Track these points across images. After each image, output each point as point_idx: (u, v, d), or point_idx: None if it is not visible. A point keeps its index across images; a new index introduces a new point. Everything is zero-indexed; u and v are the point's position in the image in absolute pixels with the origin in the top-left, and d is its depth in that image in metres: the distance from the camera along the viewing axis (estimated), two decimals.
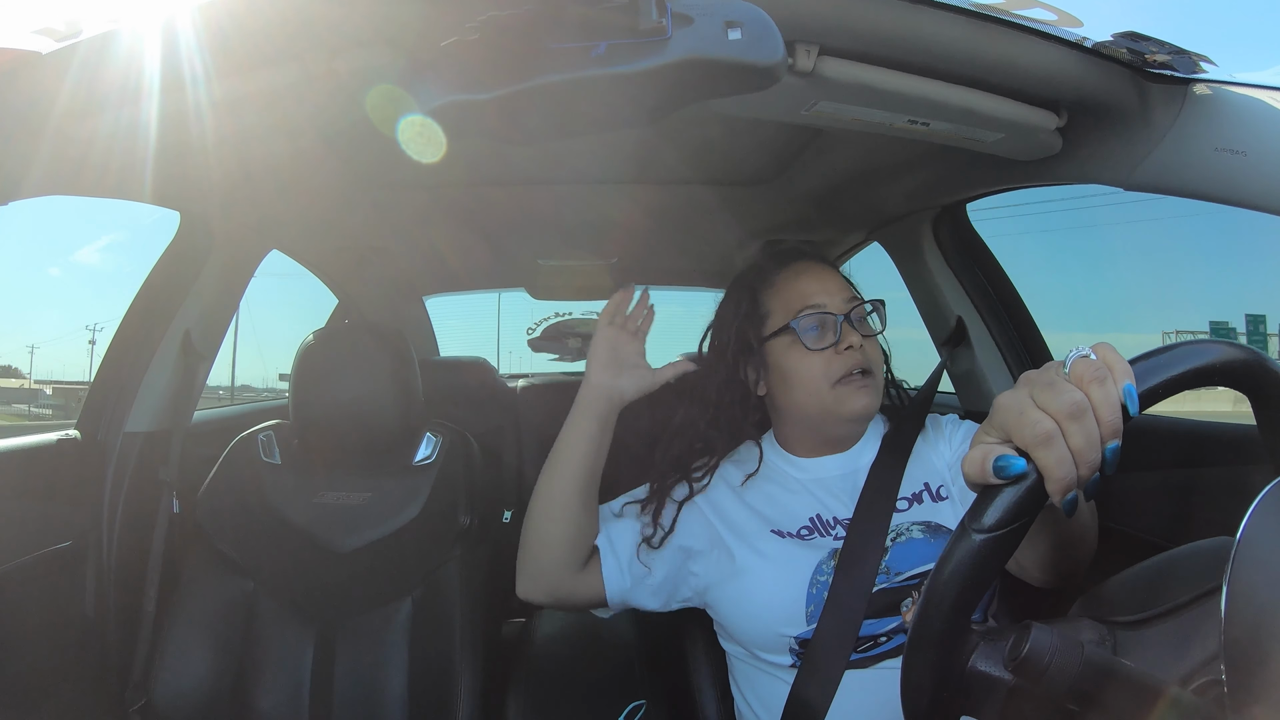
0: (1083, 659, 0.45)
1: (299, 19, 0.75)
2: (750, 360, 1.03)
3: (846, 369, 0.95)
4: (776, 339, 1.00)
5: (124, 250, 26.58)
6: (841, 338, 0.96)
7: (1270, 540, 0.40)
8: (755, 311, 1.03)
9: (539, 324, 2.87)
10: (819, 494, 1.00)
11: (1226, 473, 1.02)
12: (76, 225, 33.74)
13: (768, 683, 0.94)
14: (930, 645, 0.49)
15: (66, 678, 1.16)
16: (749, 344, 1.02)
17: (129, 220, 19.60)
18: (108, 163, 0.93)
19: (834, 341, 0.97)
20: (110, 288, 36.89)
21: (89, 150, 0.85)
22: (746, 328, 1.03)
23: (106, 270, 39.24)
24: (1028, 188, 1.16)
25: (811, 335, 0.97)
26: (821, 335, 0.97)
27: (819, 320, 0.97)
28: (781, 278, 1.03)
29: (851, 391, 0.95)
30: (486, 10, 0.59)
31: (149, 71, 0.76)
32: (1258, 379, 0.49)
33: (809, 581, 0.91)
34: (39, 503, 1.17)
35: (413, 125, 0.67)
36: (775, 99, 0.86)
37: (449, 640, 1.19)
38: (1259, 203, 0.76)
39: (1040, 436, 0.46)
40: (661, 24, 0.58)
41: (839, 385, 0.95)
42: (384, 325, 1.44)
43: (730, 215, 1.72)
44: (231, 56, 0.79)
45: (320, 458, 1.30)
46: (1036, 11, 0.78)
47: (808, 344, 0.96)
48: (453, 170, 1.42)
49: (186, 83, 0.81)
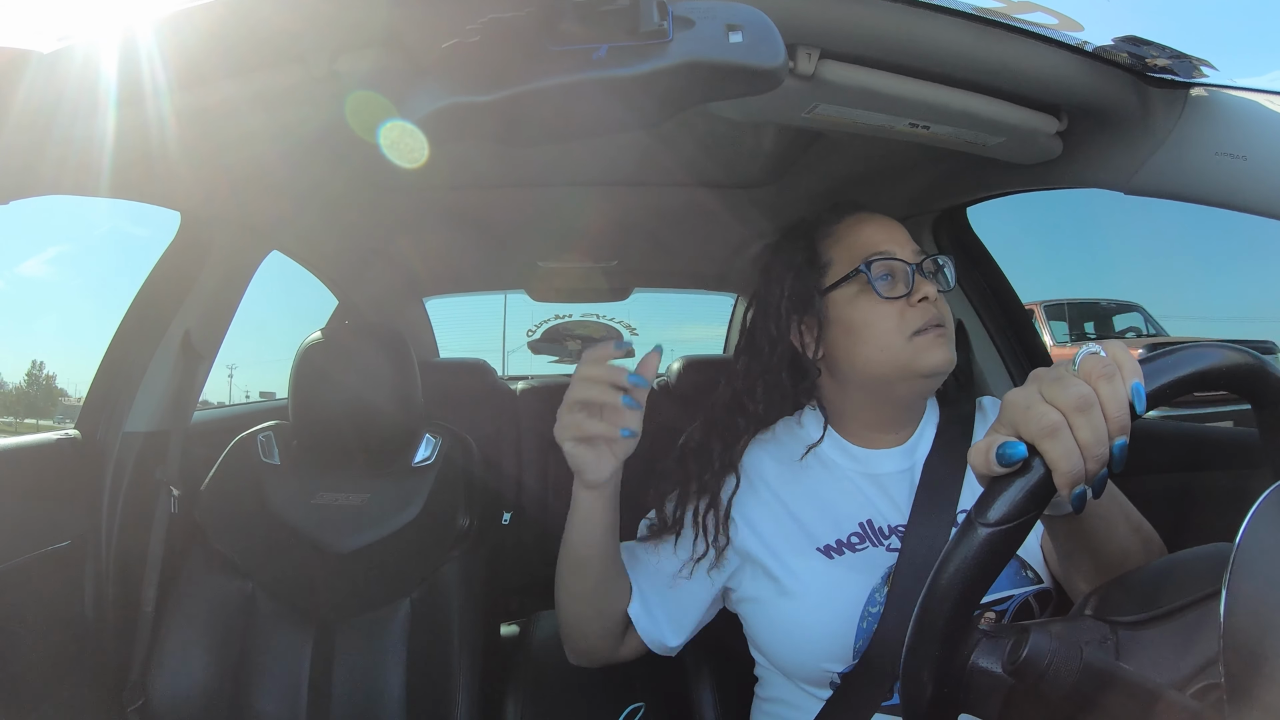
0: (1081, 663, 0.45)
1: (301, 20, 0.75)
2: (807, 316, 0.91)
3: (923, 320, 0.85)
4: (841, 288, 0.89)
5: (70, 262, 25.86)
6: (915, 288, 0.86)
7: (1269, 545, 0.40)
8: (814, 261, 0.92)
9: (538, 326, 2.88)
10: (871, 494, 0.89)
11: (1228, 477, 1.02)
12: (20, 238, 33.04)
13: (799, 697, 0.87)
14: (932, 640, 0.49)
15: (65, 678, 1.16)
16: (807, 296, 0.91)
17: (80, 232, 19.17)
18: (109, 163, 0.93)
19: (906, 292, 0.86)
20: (58, 297, 35.96)
21: (90, 150, 0.85)
22: (804, 279, 0.91)
23: (53, 282, 38.37)
24: (1028, 191, 1.17)
25: (884, 283, 0.87)
26: (893, 284, 0.87)
27: (889, 268, 0.87)
28: (843, 226, 0.93)
29: (929, 342, 0.84)
30: (487, 12, 0.59)
31: (151, 72, 0.76)
32: (1259, 384, 0.49)
33: (860, 615, 0.81)
34: (37, 502, 1.17)
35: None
36: (776, 102, 0.86)
37: (448, 642, 1.19)
38: (1260, 207, 0.77)
39: (1047, 428, 0.47)
40: (662, 27, 0.58)
41: (916, 337, 0.85)
42: (384, 326, 1.44)
43: (730, 218, 1.72)
44: (233, 58, 0.79)
45: (319, 458, 1.30)
46: (1037, 15, 0.78)
47: (880, 291, 0.86)
48: (453, 172, 1.43)
49: (188, 84, 0.81)
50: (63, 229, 16.34)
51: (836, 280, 0.90)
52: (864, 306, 0.87)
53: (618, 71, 0.58)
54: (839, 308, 0.89)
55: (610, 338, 2.87)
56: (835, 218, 0.95)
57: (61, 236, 17.04)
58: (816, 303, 0.90)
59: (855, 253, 0.90)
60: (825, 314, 0.90)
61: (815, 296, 0.90)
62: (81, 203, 1.01)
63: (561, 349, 2.88)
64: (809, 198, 1.52)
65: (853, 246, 0.90)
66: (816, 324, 0.90)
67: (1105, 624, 0.51)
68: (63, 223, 14.21)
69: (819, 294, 0.90)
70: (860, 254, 0.89)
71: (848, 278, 0.89)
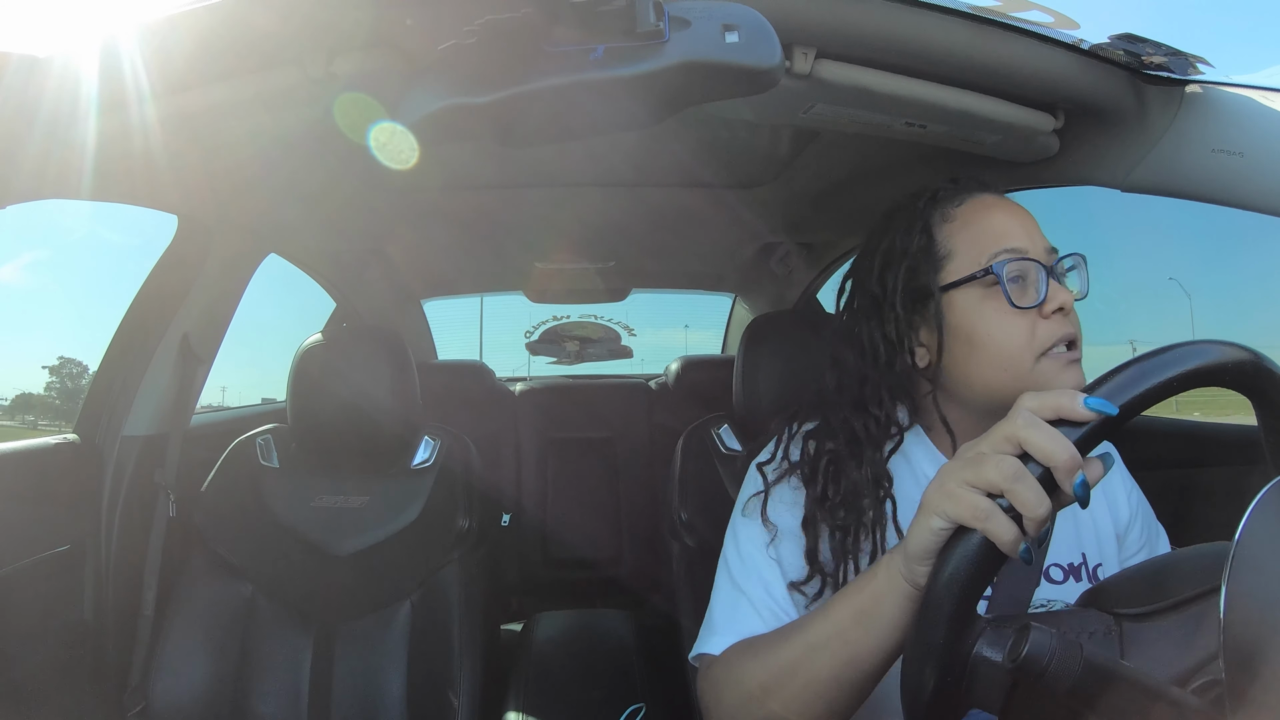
0: (1083, 660, 0.45)
1: (298, 22, 0.75)
2: (919, 315, 0.77)
3: (1056, 337, 0.71)
4: (964, 288, 0.74)
5: (48, 269, 25.51)
6: (1049, 297, 0.72)
7: (1268, 541, 0.40)
8: (931, 249, 0.77)
9: (536, 327, 2.88)
10: None
11: (1229, 473, 1.02)
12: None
13: None
14: (936, 626, 0.50)
15: (65, 681, 1.16)
16: (925, 294, 0.76)
17: (56, 238, 19.04)
18: (106, 167, 0.93)
19: (1038, 301, 0.72)
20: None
21: (88, 154, 0.85)
22: (922, 271, 0.76)
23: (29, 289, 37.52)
24: (1025, 189, 1.17)
25: (1014, 287, 0.72)
26: (1024, 289, 0.72)
27: (1020, 269, 0.72)
28: (966, 210, 0.77)
29: (1060, 369, 0.71)
30: (484, 13, 0.59)
31: (148, 75, 0.76)
32: (1260, 380, 0.49)
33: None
34: (37, 507, 1.17)
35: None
36: (773, 102, 0.86)
37: (447, 644, 1.19)
38: (1256, 204, 0.77)
39: (978, 516, 0.48)
40: (659, 27, 0.58)
41: (1045, 359, 0.71)
42: (382, 329, 1.44)
43: (727, 218, 1.72)
44: (230, 60, 0.79)
45: (318, 461, 1.30)
46: (1033, 14, 0.79)
47: (1013, 298, 0.71)
48: (450, 174, 1.43)
49: (185, 87, 0.81)
50: (40, 236, 16.12)
51: (960, 278, 0.74)
52: (989, 315, 0.73)
53: (614, 72, 0.58)
54: (959, 311, 0.75)
55: (608, 338, 2.87)
56: (957, 197, 0.79)
57: (38, 243, 16.75)
58: (935, 302, 0.76)
59: (982, 245, 0.74)
60: (941, 316, 0.75)
61: (935, 294, 0.75)
62: (56, 208, 1.00)
63: (560, 350, 2.88)
64: (806, 196, 1.52)
65: (979, 237, 0.75)
66: (932, 329, 0.76)
67: (1110, 615, 0.52)
68: (41, 229, 14.00)
69: (938, 292, 0.75)
70: (988, 248, 0.74)
71: (974, 277, 0.73)
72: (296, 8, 0.73)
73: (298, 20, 0.75)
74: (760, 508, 0.78)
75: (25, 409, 2.29)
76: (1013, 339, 0.71)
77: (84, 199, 0.99)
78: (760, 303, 2.36)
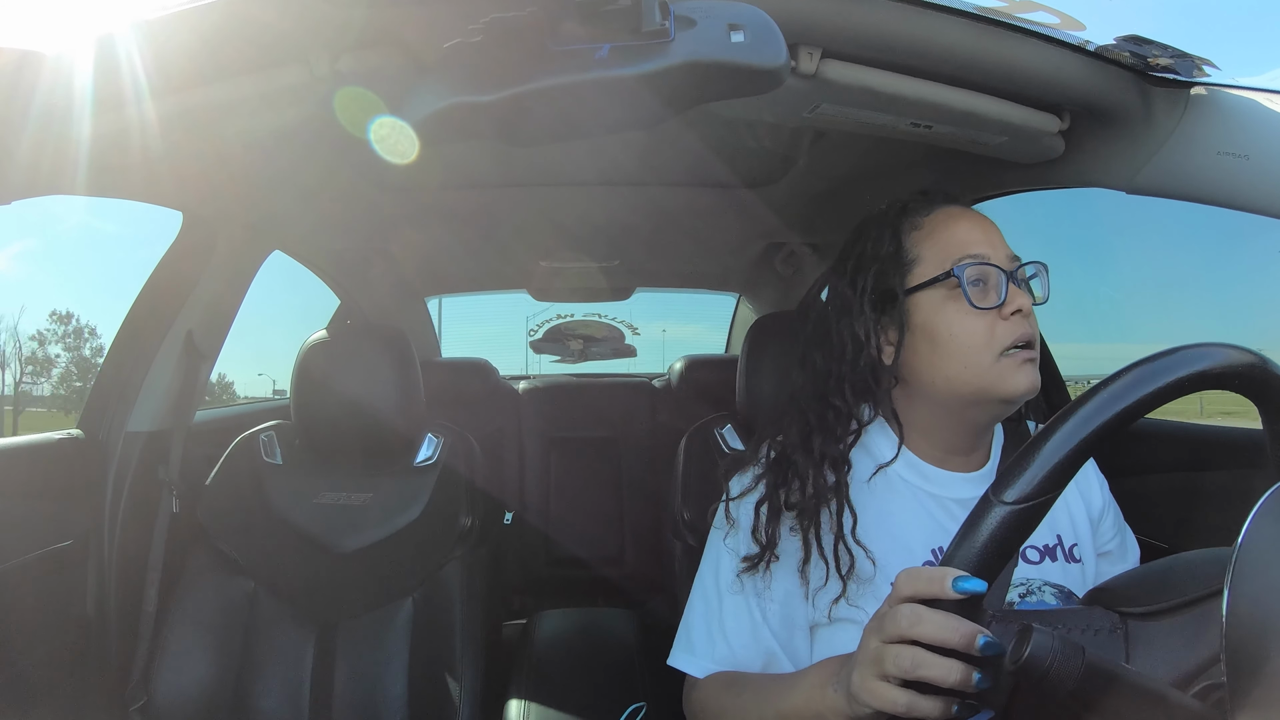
0: (1084, 663, 0.45)
1: (304, 20, 0.75)
2: (886, 315, 0.83)
3: (1014, 337, 0.77)
4: (927, 290, 0.80)
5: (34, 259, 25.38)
6: (1008, 299, 0.77)
7: (1271, 546, 0.40)
8: (899, 254, 0.83)
9: (540, 326, 2.88)
10: (941, 519, 0.81)
11: (1231, 476, 1.02)
12: None
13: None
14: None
15: (67, 677, 1.16)
16: (890, 296, 0.82)
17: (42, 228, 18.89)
18: (111, 163, 0.94)
19: (998, 303, 0.78)
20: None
21: (92, 150, 0.86)
22: (889, 275, 0.82)
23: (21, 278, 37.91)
24: (1030, 190, 1.17)
25: (976, 290, 0.78)
26: (984, 292, 0.78)
27: (981, 273, 0.79)
28: (933, 220, 0.83)
29: (1016, 366, 0.76)
30: (489, 12, 0.59)
31: (153, 72, 0.76)
32: (1266, 384, 0.49)
33: None
34: (40, 502, 1.17)
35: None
36: (778, 101, 0.86)
37: (449, 641, 1.19)
38: (1262, 206, 0.77)
39: (901, 707, 0.52)
40: (664, 27, 0.58)
41: (1004, 357, 0.77)
42: (386, 326, 1.44)
43: (732, 217, 1.72)
44: (236, 57, 0.79)
45: (322, 458, 1.31)
46: (1039, 15, 0.78)
47: (973, 299, 0.77)
48: (455, 172, 1.43)
49: (190, 83, 0.81)
50: (31, 226, 16.06)
51: (923, 281, 0.80)
52: (951, 315, 0.79)
53: (620, 71, 0.58)
54: (923, 312, 0.81)
55: (612, 336, 2.87)
56: (925, 208, 0.85)
57: (28, 233, 16.70)
58: (900, 302, 0.82)
59: (946, 252, 0.80)
60: (906, 317, 0.81)
61: (899, 297, 0.82)
62: (48, 199, 1.00)
63: (564, 348, 2.88)
64: (811, 196, 1.52)
65: (945, 244, 0.81)
66: (897, 328, 0.82)
67: (1115, 614, 0.52)
68: (33, 220, 13.87)
69: (903, 294, 0.82)
70: (952, 254, 0.80)
71: (936, 280, 0.80)
72: (303, 5, 0.74)
73: (304, 18, 0.75)
74: (733, 535, 0.84)
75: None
76: (973, 337, 0.77)
77: (88, 195, 0.99)
78: (765, 302, 2.36)
